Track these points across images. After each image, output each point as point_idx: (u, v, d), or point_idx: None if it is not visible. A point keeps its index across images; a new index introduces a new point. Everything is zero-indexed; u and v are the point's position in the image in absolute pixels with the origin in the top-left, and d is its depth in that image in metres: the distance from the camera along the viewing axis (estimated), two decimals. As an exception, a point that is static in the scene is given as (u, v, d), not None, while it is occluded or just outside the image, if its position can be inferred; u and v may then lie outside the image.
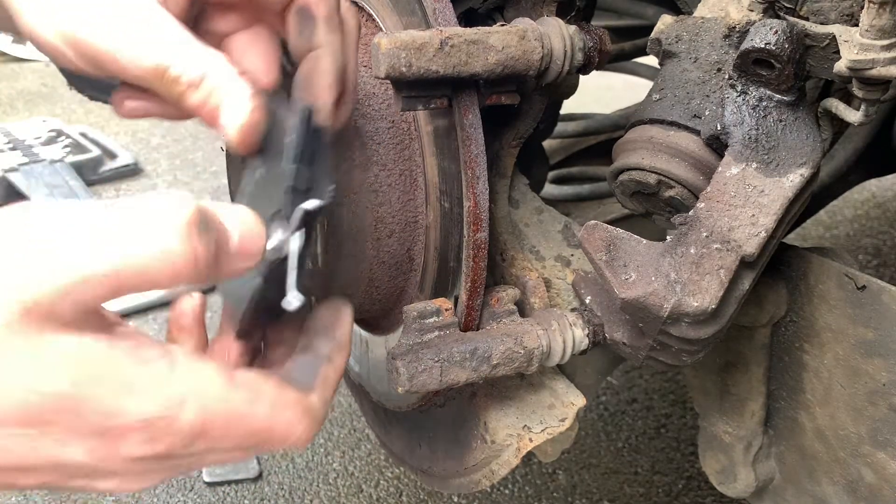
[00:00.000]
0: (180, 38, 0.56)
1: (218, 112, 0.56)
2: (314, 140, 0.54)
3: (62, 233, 0.45)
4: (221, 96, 0.55)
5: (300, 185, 0.53)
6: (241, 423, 0.48)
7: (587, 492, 1.59)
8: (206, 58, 0.56)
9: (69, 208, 0.47)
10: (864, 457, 0.72)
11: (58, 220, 0.46)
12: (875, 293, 0.67)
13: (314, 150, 0.54)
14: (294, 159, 0.53)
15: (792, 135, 0.63)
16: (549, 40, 0.65)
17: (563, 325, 0.69)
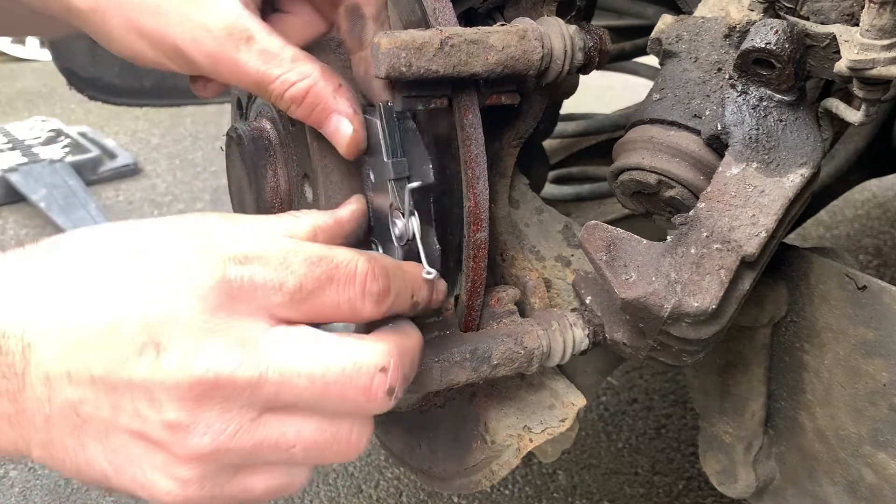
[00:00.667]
0: (277, 48, 0.59)
1: (323, 125, 0.61)
2: (400, 131, 0.60)
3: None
4: (326, 112, 0.61)
5: (401, 174, 0.59)
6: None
7: (587, 492, 1.59)
8: (306, 71, 0.60)
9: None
10: (865, 457, 0.72)
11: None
12: (876, 293, 0.67)
13: (403, 139, 0.60)
14: (388, 154, 0.59)
15: (792, 135, 0.63)
16: (549, 40, 0.65)
17: (563, 326, 0.69)
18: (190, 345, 0.48)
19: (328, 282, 0.52)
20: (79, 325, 0.48)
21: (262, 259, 0.50)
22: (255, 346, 0.49)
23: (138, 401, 0.48)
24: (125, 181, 3.14)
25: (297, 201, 0.71)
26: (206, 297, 0.48)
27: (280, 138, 0.72)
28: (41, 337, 0.48)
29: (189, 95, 0.70)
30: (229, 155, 0.75)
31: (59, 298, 0.49)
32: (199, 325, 0.48)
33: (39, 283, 0.50)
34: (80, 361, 0.48)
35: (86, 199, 2.81)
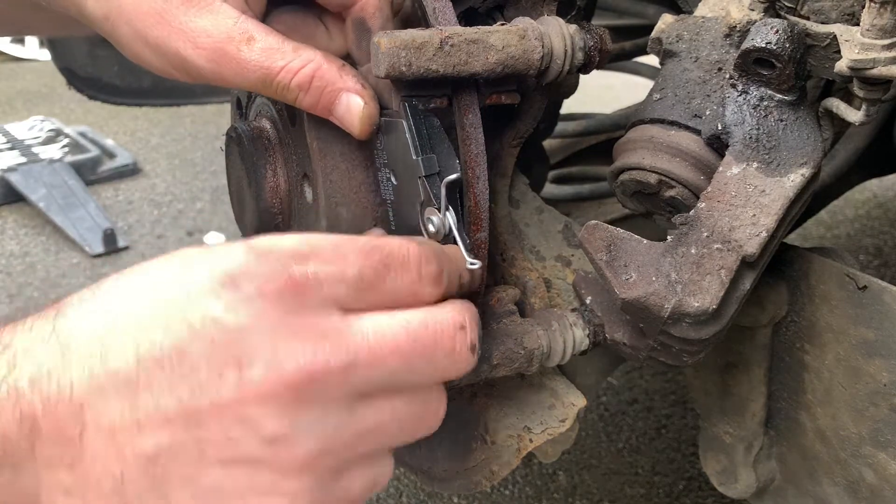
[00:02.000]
0: (278, 43, 0.60)
1: (333, 108, 0.61)
2: (427, 127, 0.60)
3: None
4: (334, 93, 0.60)
5: (431, 170, 0.59)
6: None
7: (587, 492, 1.59)
8: (309, 56, 0.60)
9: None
10: (866, 457, 0.72)
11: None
12: (876, 293, 0.67)
13: (430, 136, 0.60)
14: (416, 151, 0.59)
15: (793, 134, 0.63)
16: (549, 39, 0.65)
17: (563, 326, 0.69)
18: (273, 350, 0.46)
19: (385, 269, 0.51)
20: (137, 365, 0.45)
21: (318, 255, 0.49)
22: (337, 334, 0.48)
23: (228, 425, 0.45)
24: (124, 181, 3.14)
25: (297, 201, 0.71)
26: (277, 300, 0.47)
27: (280, 138, 0.72)
28: (96, 392, 0.44)
29: (188, 95, 0.70)
30: (229, 155, 0.75)
31: (107, 343, 0.45)
32: (276, 329, 0.46)
33: (79, 334, 0.46)
34: (149, 405, 0.44)
35: (85, 198, 2.81)
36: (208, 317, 0.45)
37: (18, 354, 0.46)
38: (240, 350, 0.45)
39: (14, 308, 2.34)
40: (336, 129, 0.64)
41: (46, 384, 0.45)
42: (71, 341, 0.46)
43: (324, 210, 0.66)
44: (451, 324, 0.52)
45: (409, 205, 0.62)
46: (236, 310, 0.45)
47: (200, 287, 0.46)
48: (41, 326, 0.47)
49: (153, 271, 0.49)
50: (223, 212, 2.87)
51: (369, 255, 0.51)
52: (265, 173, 0.71)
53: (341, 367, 0.47)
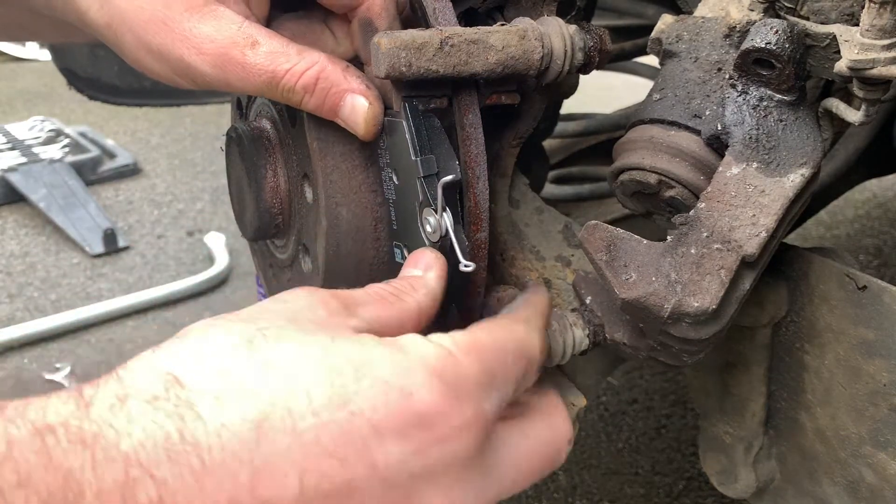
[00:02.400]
0: (282, 47, 0.60)
1: (338, 109, 0.61)
2: (427, 129, 0.59)
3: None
4: (338, 94, 0.60)
5: (430, 171, 0.58)
6: (503, 346, 0.50)
7: (587, 492, 1.59)
8: (313, 59, 0.60)
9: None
10: (865, 457, 0.72)
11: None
12: (876, 293, 0.67)
13: (430, 137, 0.59)
14: (415, 152, 0.58)
15: (792, 135, 0.63)
16: (549, 40, 0.65)
17: (563, 326, 0.69)
18: (445, 497, 0.44)
19: (525, 373, 0.52)
20: (299, 498, 0.40)
21: (495, 379, 0.48)
22: (495, 468, 0.49)
23: None
24: (125, 181, 3.15)
25: (297, 201, 0.71)
26: (470, 443, 0.45)
27: (280, 138, 0.72)
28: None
29: (188, 95, 0.70)
30: (229, 155, 0.75)
31: (258, 466, 0.39)
32: (458, 472, 0.45)
33: (217, 447, 0.39)
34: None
35: (85, 198, 2.82)
36: (395, 459, 0.42)
37: (132, 467, 0.37)
38: (416, 492, 0.43)
39: (14, 308, 2.34)
40: (336, 130, 0.64)
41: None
42: (205, 453, 0.39)
43: (324, 210, 0.66)
44: (565, 439, 0.56)
45: (410, 205, 0.62)
46: (427, 455, 0.43)
47: (388, 421, 0.42)
48: (161, 420, 0.39)
49: (314, 367, 0.43)
50: (223, 212, 2.87)
51: (519, 364, 0.51)
52: (265, 173, 0.71)
53: (493, 498, 0.48)
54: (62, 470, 0.36)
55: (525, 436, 0.52)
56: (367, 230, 0.70)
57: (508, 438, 0.51)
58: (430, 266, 0.57)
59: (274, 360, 0.43)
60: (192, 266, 2.56)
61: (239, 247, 2.56)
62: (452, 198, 0.61)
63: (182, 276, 2.48)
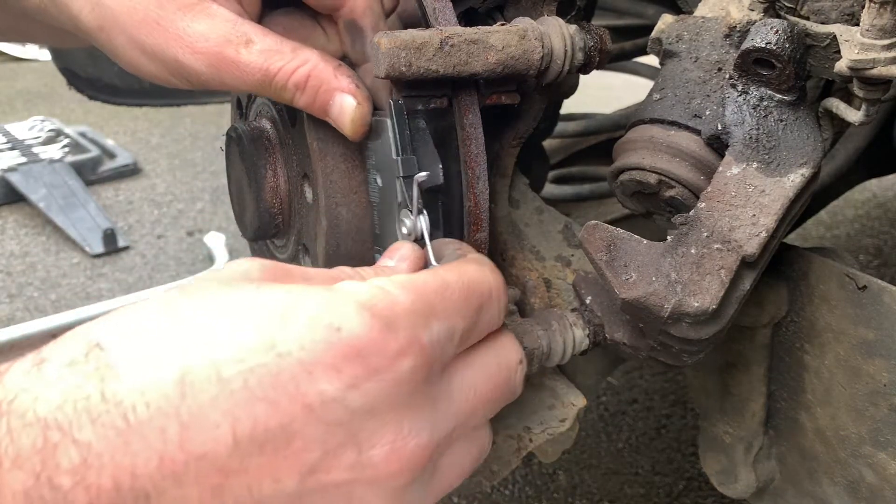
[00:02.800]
0: (276, 45, 0.60)
1: (328, 109, 0.60)
2: (411, 129, 0.59)
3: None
4: (329, 93, 0.60)
5: (409, 172, 0.58)
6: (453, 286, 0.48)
7: (587, 492, 1.59)
8: (306, 57, 0.60)
9: None
10: (865, 457, 0.72)
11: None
12: (876, 293, 0.67)
13: (413, 138, 0.59)
14: (398, 151, 0.58)
15: (793, 134, 0.63)
16: (549, 40, 0.65)
17: (563, 326, 0.69)
18: (397, 431, 0.43)
19: (479, 311, 0.50)
20: (233, 448, 0.38)
21: (434, 312, 0.46)
22: (447, 400, 0.47)
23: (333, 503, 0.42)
24: (125, 181, 3.15)
25: (297, 201, 0.71)
26: (409, 376, 0.43)
27: (280, 138, 0.72)
28: (168, 479, 0.37)
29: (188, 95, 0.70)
30: (229, 155, 0.75)
31: (185, 419, 0.38)
32: (401, 407, 0.43)
33: (138, 400, 0.38)
34: (240, 492, 0.39)
35: (85, 198, 2.82)
36: (330, 397, 0.40)
37: (51, 431, 0.36)
38: (361, 430, 0.41)
39: (14, 308, 2.34)
40: (336, 130, 0.64)
41: (96, 475, 0.36)
42: (129, 411, 0.37)
43: (324, 210, 0.66)
44: (515, 360, 0.54)
45: (391, 208, 0.62)
46: (364, 390, 0.41)
47: (317, 358, 0.40)
48: (80, 382, 0.38)
49: (237, 316, 0.41)
50: (223, 212, 2.87)
51: (469, 301, 0.49)
52: (265, 173, 0.71)
53: (447, 434, 0.47)
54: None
55: (470, 365, 0.50)
56: (367, 230, 0.70)
57: (456, 371, 0.49)
58: (404, 258, 0.56)
59: (194, 313, 0.41)
60: (192, 266, 2.56)
61: (239, 247, 2.56)
62: (434, 204, 0.60)
63: (182, 276, 2.48)
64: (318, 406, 0.40)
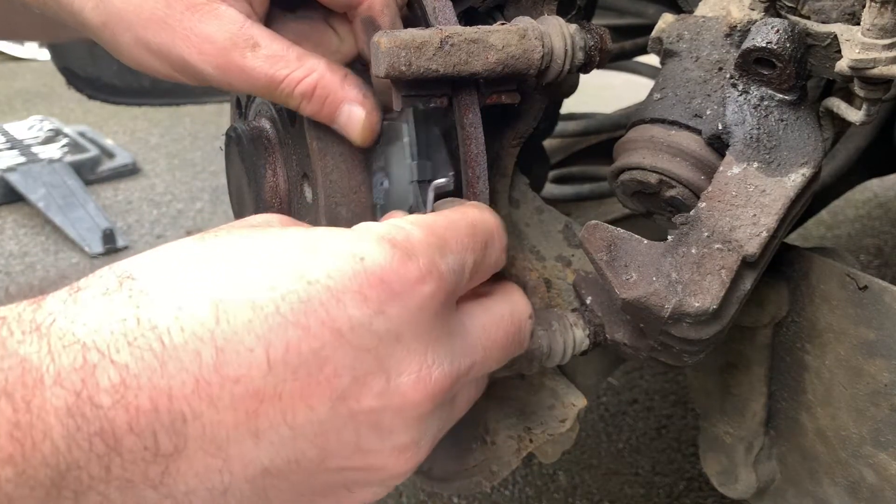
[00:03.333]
0: (282, 51, 0.60)
1: (335, 118, 0.61)
2: (427, 134, 0.59)
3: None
4: (335, 103, 0.60)
5: (424, 177, 0.58)
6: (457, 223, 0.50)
7: (588, 493, 1.59)
8: (312, 66, 0.60)
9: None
10: (866, 458, 0.72)
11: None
12: (877, 293, 0.67)
13: (429, 143, 0.59)
14: (412, 155, 0.58)
15: (793, 134, 0.62)
16: (549, 39, 0.65)
17: (563, 326, 0.69)
18: (422, 359, 0.44)
19: (485, 247, 0.52)
20: (268, 373, 0.39)
21: (448, 245, 0.48)
22: (463, 334, 0.49)
23: (362, 433, 0.43)
24: (124, 181, 3.14)
25: (297, 201, 0.71)
26: (429, 302, 0.44)
27: (279, 138, 0.72)
28: (205, 402, 0.38)
29: (188, 95, 0.70)
30: (228, 154, 0.75)
31: (221, 343, 0.39)
32: (425, 334, 0.44)
33: (175, 327, 0.39)
34: (275, 417, 0.40)
35: (84, 198, 2.81)
36: (358, 322, 0.42)
37: (90, 352, 0.37)
38: (389, 357, 0.43)
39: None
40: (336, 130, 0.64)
41: (134, 396, 0.37)
42: (164, 335, 0.38)
43: (324, 210, 0.66)
44: (526, 314, 0.56)
45: (399, 209, 0.62)
46: (389, 315, 0.43)
47: (344, 285, 0.42)
48: (116, 308, 0.39)
49: (266, 250, 0.43)
50: (223, 212, 2.87)
51: (476, 236, 0.51)
52: (265, 173, 0.71)
53: (467, 369, 0.48)
54: (17, 357, 0.36)
55: (487, 309, 0.52)
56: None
57: (471, 311, 0.51)
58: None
59: (225, 248, 0.43)
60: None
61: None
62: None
63: (181, 275, 2.47)
64: (347, 331, 0.41)
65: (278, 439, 0.40)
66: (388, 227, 0.47)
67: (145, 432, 0.37)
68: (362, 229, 0.46)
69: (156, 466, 0.38)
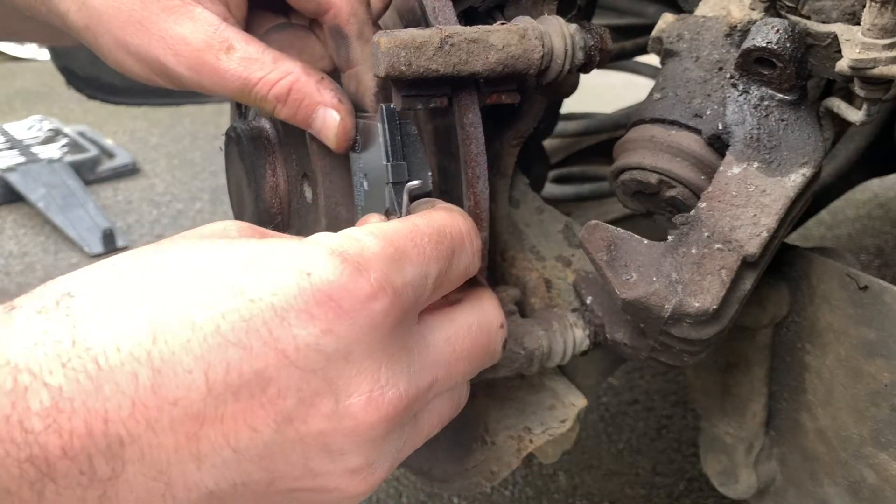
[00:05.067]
0: (257, 53, 0.59)
1: (310, 122, 0.60)
2: (402, 135, 0.59)
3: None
4: (311, 107, 0.59)
5: (399, 178, 0.57)
6: (422, 232, 0.48)
7: (588, 493, 1.59)
8: (287, 68, 0.59)
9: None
10: (867, 458, 0.71)
11: None
12: (877, 293, 0.67)
13: (404, 144, 0.58)
14: (388, 157, 0.57)
15: (794, 134, 0.62)
16: (549, 39, 0.65)
17: (563, 326, 0.69)
18: (374, 379, 0.42)
19: (451, 255, 0.49)
20: (206, 395, 0.38)
21: (406, 257, 0.45)
22: (423, 350, 0.46)
23: (311, 456, 0.41)
24: (124, 181, 3.14)
25: (297, 201, 0.71)
26: (382, 320, 0.42)
27: (279, 138, 0.71)
28: (142, 425, 0.37)
29: (187, 95, 0.70)
30: (228, 154, 0.74)
31: (157, 365, 0.37)
32: (377, 353, 0.42)
33: (111, 347, 0.37)
34: (216, 439, 0.38)
35: (84, 198, 2.81)
36: (304, 343, 0.40)
37: (21, 374, 0.36)
38: (338, 377, 0.41)
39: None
40: None
41: (67, 419, 0.36)
42: (100, 356, 0.37)
43: (323, 210, 0.66)
44: (496, 324, 0.52)
45: (376, 212, 0.61)
46: (338, 334, 0.40)
47: (289, 303, 0.40)
48: (51, 328, 0.37)
49: (209, 265, 0.41)
50: (223, 212, 2.87)
51: (440, 245, 0.48)
52: (264, 173, 0.71)
53: (427, 386, 0.46)
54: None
55: (452, 320, 0.49)
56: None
57: (434, 324, 0.48)
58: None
59: (165, 264, 0.41)
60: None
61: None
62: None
63: (181, 276, 2.47)
64: (292, 351, 0.40)
65: (222, 462, 0.39)
66: (342, 238, 0.44)
67: (80, 457, 0.36)
68: (313, 241, 0.44)
69: (93, 491, 0.37)
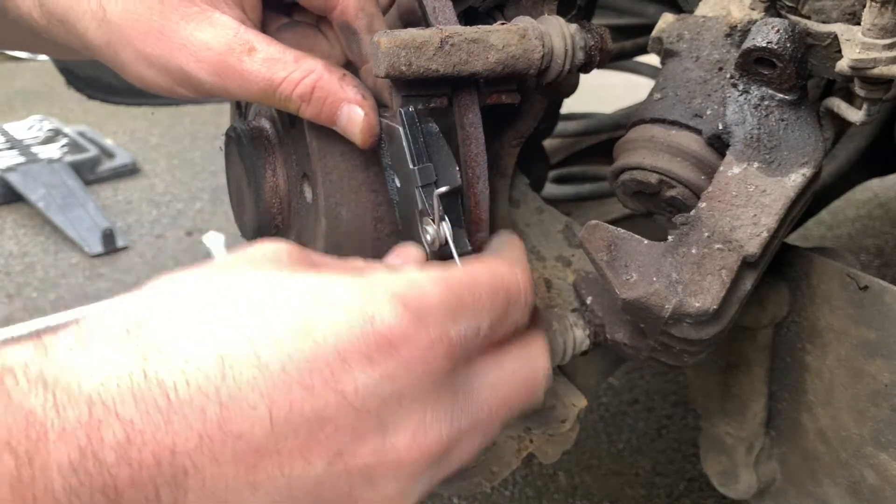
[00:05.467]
0: (279, 53, 0.59)
1: (335, 119, 0.60)
2: (425, 136, 0.59)
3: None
4: (335, 104, 0.60)
5: (427, 180, 0.58)
6: (478, 281, 0.48)
7: (588, 493, 1.59)
8: (310, 67, 0.60)
9: None
10: (867, 458, 0.71)
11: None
12: (877, 293, 0.67)
13: (427, 144, 0.59)
14: (413, 161, 0.58)
15: (794, 134, 0.62)
16: (549, 39, 0.65)
17: (563, 326, 0.69)
18: (421, 420, 0.44)
19: (506, 307, 0.50)
20: (270, 431, 0.40)
21: (464, 307, 0.46)
22: (467, 395, 0.47)
23: (355, 486, 0.43)
24: (124, 181, 3.14)
25: (297, 201, 0.71)
26: (436, 368, 0.44)
27: (279, 138, 0.71)
28: (207, 457, 0.39)
29: (188, 95, 0.69)
30: (228, 154, 0.74)
31: (225, 400, 0.39)
32: (427, 396, 0.44)
33: (181, 382, 0.39)
34: (273, 472, 0.40)
35: (84, 198, 2.81)
36: (363, 385, 0.41)
37: (95, 407, 0.37)
38: (388, 417, 0.43)
39: (13, 308, 2.33)
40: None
41: (137, 451, 0.37)
42: (170, 391, 0.38)
43: (323, 210, 0.66)
44: (542, 372, 0.53)
45: (411, 209, 0.62)
46: (394, 379, 0.42)
47: (352, 344, 0.41)
48: (123, 360, 0.39)
49: (273, 298, 0.43)
50: (222, 212, 2.87)
51: (496, 297, 0.49)
52: (264, 173, 0.71)
53: (468, 428, 0.47)
54: (23, 411, 0.36)
55: (499, 366, 0.50)
56: (367, 230, 0.70)
57: (482, 369, 0.49)
58: (409, 259, 0.57)
59: (231, 295, 0.43)
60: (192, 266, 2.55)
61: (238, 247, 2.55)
62: (453, 205, 0.61)
63: (181, 276, 2.47)
64: (351, 393, 0.41)
65: (274, 489, 0.41)
66: (404, 283, 0.45)
67: (147, 486, 0.38)
68: (375, 283, 0.45)
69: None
